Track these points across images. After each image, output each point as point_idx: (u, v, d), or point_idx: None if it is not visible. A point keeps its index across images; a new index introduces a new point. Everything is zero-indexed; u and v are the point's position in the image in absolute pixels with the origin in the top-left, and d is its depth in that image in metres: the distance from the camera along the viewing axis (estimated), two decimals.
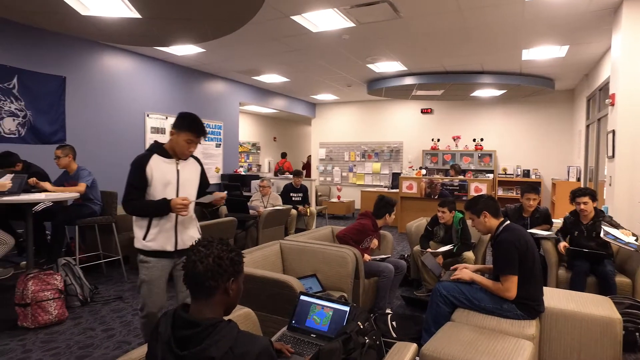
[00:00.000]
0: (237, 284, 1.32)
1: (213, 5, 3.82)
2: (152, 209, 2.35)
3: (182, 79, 7.22)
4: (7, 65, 4.74)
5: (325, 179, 11.69)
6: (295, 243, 3.43)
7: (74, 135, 5.41)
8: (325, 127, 11.74)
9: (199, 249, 1.27)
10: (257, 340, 1.24)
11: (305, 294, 2.24)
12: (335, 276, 3.12)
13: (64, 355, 2.88)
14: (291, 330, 2.10)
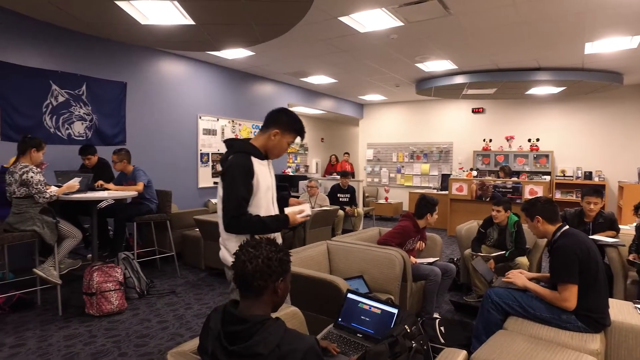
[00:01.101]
0: (284, 283, 1.34)
1: (262, 9, 3.91)
2: (273, 226, 2.01)
3: (232, 81, 7.45)
4: (78, 73, 5.13)
5: (373, 180, 11.60)
6: (342, 244, 3.43)
7: (132, 137, 5.75)
8: (373, 127, 11.65)
9: (248, 250, 1.30)
10: (304, 339, 1.25)
11: (353, 292, 2.23)
12: (382, 278, 3.09)
13: (124, 342, 3.06)
14: (337, 328, 2.10)
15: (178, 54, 6.41)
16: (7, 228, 3.42)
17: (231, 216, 1.92)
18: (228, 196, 1.94)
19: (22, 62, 4.65)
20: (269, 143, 2.11)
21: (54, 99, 4.93)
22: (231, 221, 1.93)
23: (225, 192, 1.95)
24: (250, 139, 2.14)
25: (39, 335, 3.17)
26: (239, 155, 2.00)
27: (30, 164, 3.51)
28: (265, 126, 2.14)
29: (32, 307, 3.75)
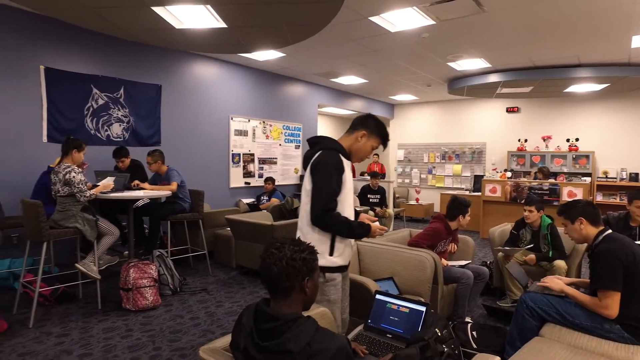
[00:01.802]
0: (312, 281, 1.35)
1: (293, 10, 3.94)
2: (357, 231, 2.01)
3: (263, 83, 7.55)
4: (117, 77, 5.34)
5: (404, 181, 11.47)
6: (372, 245, 3.41)
7: (167, 138, 5.93)
8: (403, 128, 11.51)
9: (272, 252, 1.32)
10: (335, 338, 1.26)
11: (381, 292, 2.22)
12: (412, 280, 3.05)
13: (158, 337, 3.16)
14: (367, 330, 2.09)
15: (211, 56, 6.55)
16: (52, 225, 3.60)
17: (323, 209, 1.91)
18: (320, 189, 1.93)
19: (67, 67, 4.89)
20: (354, 145, 2.15)
21: (95, 102, 5.16)
22: (321, 214, 1.91)
23: (316, 185, 1.94)
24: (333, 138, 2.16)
25: (81, 327, 3.32)
26: (330, 151, 2.01)
27: (72, 164, 3.68)
28: (352, 128, 2.18)
29: (75, 300, 3.93)
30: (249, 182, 7.31)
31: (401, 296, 2.24)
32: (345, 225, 1.96)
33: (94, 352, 2.91)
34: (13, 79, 4.50)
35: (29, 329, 3.28)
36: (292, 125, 8.20)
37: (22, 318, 3.46)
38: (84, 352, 2.92)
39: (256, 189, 7.33)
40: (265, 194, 6.82)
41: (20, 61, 4.54)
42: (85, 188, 3.62)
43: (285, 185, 7.96)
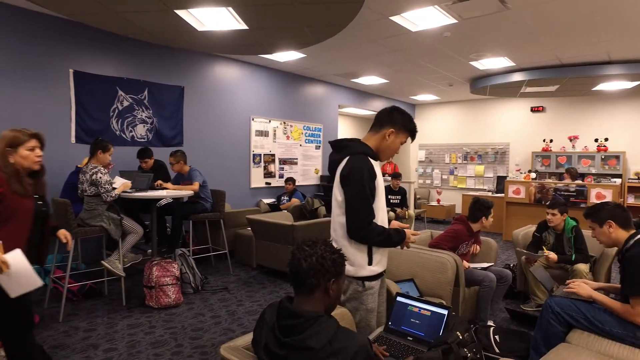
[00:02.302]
0: (337, 285, 1.36)
1: (313, 11, 3.95)
2: (395, 239, 1.96)
3: (284, 83, 7.59)
4: (141, 79, 5.47)
5: (425, 182, 11.35)
6: None
7: (189, 138, 6.02)
8: (425, 128, 11.39)
9: (304, 248, 1.34)
10: (356, 338, 1.26)
11: (402, 295, 2.20)
12: (433, 282, 3.01)
13: (180, 334, 3.22)
14: (387, 332, 2.08)
15: (232, 58, 6.63)
16: (79, 223, 3.71)
17: (365, 224, 1.84)
18: (355, 203, 1.84)
19: (94, 70, 5.03)
20: (382, 143, 2.04)
21: (120, 104, 5.29)
22: (363, 230, 1.84)
23: (351, 198, 1.86)
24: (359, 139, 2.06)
25: (106, 322, 3.41)
26: (359, 157, 1.91)
27: (99, 164, 3.78)
28: (377, 126, 2.06)
29: (101, 296, 4.04)
30: (270, 183, 7.36)
31: (422, 298, 2.22)
32: (385, 236, 1.90)
33: (119, 347, 2.98)
34: (44, 82, 4.66)
35: (58, 323, 3.39)
36: (312, 126, 8.22)
37: (53, 312, 3.59)
38: (109, 346, 2.99)
39: (277, 189, 7.38)
40: (286, 194, 6.85)
41: (51, 65, 4.70)
42: (111, 188, 3.72)
43: (305, 186, 7.99)
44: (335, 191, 1.95)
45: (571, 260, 3.61)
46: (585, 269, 3.53)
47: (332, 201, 2.00)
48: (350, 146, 1.98)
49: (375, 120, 2.11)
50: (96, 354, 2.89)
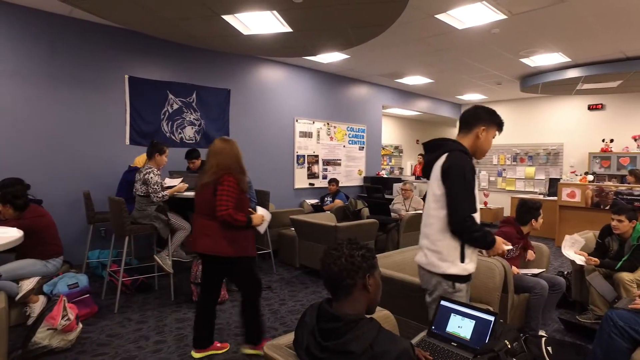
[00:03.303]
0: (374, 279, 1.34)
1: (357, 12, 3.94)
2: (489, 239, 1.96)
3: (327, 85, 7.62)
4: (189, 83, 5.69)
5: None
6: None
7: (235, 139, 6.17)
8: None
9: (331, 253, 1.34)
10: (398, 341, 1.24)
11: (446, 299, 2.14)
12: (480, 287, 2.90)
13: (225, 331, 3.31)
14: (431, 336, 2.03)
15: (276, 60, 6.75)
16: (132, 221, 3.91)
17: (467, 215, 1.86)
18: (458, 195, 1.86)
19: (147, 76, 5.30)
20: (476, 142, 2.07)
21: (170, 107, 5.53)
22: (464, 221, 1.85)
23: (453, 191, 1.87)
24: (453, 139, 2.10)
25: (156, 316, 3.58)
26: (459, 153, 1.93)
27: (154, 166, 3.96)
28: (466, 127, 2.10)
29: (151, 291, 4.24)
30: (313, 183, 7.41)
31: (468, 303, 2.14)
32: (482, 233, 1.90)
33: (168, 340, 3.11)
34: (102, 88, 4.97)
35: (114, 314, 3.60)
36: (356, 127, 8.20)
37: (109, 303, 3.81)
38: (159, 339, 3.13)
39: (320, 190, 7.42)
40: (329, 195, 6.87)
41: (108, 72, 5.01)
42: (159, 189, 3.87)
43: (349, 187, 7.97)
44: (433, 186, 1.97)
45: (615, 267, 3.34)
46: (628, 278, 3.25)
47: (427, 197, 2.04)
48: (447, 144, 2.01)
49: (461, 123, 2.14)
50: (147, 344, 3.03)
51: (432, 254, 1.96)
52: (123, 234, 3.77)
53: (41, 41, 4.57)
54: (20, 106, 4.46)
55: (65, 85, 4.73)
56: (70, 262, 4.22)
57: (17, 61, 4.44)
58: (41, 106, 4.59)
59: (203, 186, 2.68)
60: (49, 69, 4.62)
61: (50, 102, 4.64)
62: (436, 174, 1.96)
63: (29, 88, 4.51)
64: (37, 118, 4.56)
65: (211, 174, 2.67)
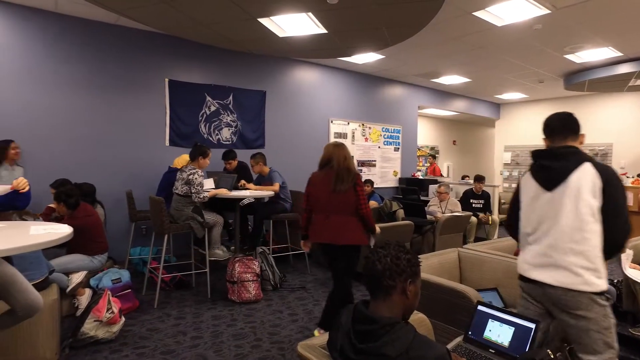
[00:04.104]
0: (414, 286, 1.32)
1: (392, 12, 3.90)
2: None
3: (362, 85, 7.59)
4: (226, 85, 5.83)
5: (510, 186, 10.61)
6: (475, 252, 3.21)
7: (270, 140, 6.27)
8: (511, 128, 10.67)
9: (378, 250, 1.33)
10: (434, 347, 1.21)
11: (484, 304, 2.07)
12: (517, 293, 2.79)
13: (259, 329, 3.35)
14: (467, 342, 1.97)
15: (311, 61, 6.79)
16: (171, 220, 4.04)
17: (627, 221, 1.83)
18: (624, 206, 1.83)
19: (186, 79, 5.48)
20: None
21: (208, 109, 5.68)
22: (628, 233, 1.83)
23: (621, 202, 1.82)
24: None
25: (193, 312, 3.68)
26: (600, 163, 1.89)
27: (197, 168, 4.08)
28: (573, 134, 1.99)
29: (189, 288, 4.36)
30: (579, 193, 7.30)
31: (507, 309, 2.07)
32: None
33: (204, 336, 3.19)
34: (143, 91, 5.18)
35: (154, 309, 3.73)
36: (391, 128, 8.11)
37: (149, 299, 3.95)
38: (196, 334, 3.22)
39: None
40: None
41: (150, 76, 5.21)
42: (201, 190, 3.98)
43: (383, 188, 7.90)
44: (587, 198, 1.82)
45: None
46: None
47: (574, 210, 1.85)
48: (579, 153, 1.90)
49: (567, 130, 2.01)
50: (185, 340, 3.12)
51: (588, 272, 1.81)
52: (162, 233, 3.90)
53: (90, 48, 4.81)
54: (71, 111, 4.72)
55: (111, 90, 4.96)
56: (113, 258, 4.42)
57: (69, 68, 4.70)
58: (89, 110, 4.84)
59: (340, 189, 3.01)
60: (96, 74, 4.87)
61: (98, 106, 4.88)
62: (589, 185, 1.82)
63: (80, 94, 4.76)
64: (85, 121, 4.81)
65: (350, 179, 3.04)
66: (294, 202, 5.20)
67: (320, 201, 3.09)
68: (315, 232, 3.11)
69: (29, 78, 4.49)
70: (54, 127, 4.63)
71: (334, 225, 3.03)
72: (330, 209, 3.04)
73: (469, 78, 7.73)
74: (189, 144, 5.36)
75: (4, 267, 2.08)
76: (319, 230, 3.09)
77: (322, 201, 3.07)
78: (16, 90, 4.43)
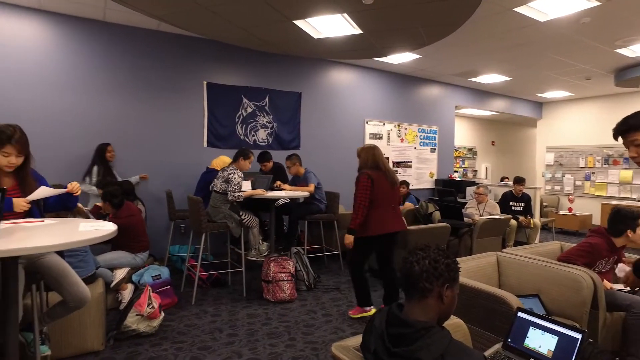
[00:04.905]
0: (452, 291, 1.29)
1: (429, 11, 3.83)
2: None
3: (398, 86, 7.50)
4: (262, 87, 5.92)
5: (553, 188, 10.17)
6: (514, 257, 3.10)
7: (306, 141, 6.32)
8: (554, 128, 10.22)
9: (417, 252, 1.32)
10: (471, 353, 1.18)
11: (524, 310, 1.99)
12: (564, 301, 2.67)
13: (293, 329, 3.38)
14: (506, 349, 1.90)
15: (346, 62, 6.78)
16: (208, 219, 4.15)
17: None
18: None
19: (223, 81, 5.61)
20: None
21: (244, 111, 5.79)
22: None
23: None
24: None
25: (229, 310, 3.76)
26: None
27: (238, 169, 4.18)
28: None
29: (225, 286, 4.46)
30: None
31: (550, 317, 1.98)
32: None
33: (239, 334, 3.25)
34: (183, 94, 5.35)
35: (191, 305, 3.84)
36: (427, 128, 7.97)
37: (187, 295, 4.07)
38: (231, 332, 3.29)
39: None
40: None
41: (188, 79, 5.38)
42: (237, 190, 4.06)
43: (419, 190, 7.78)
44: None
45: None
46: None
47: None
48: None
49: None
50: (220, 336, 3.20)
51: None
52: (200, 231, 4.02)
53: (133, 54, 5.03)
54: (117, 114, 4.95)
55: (151, 93, 5.16)
56: (154, 255, 4.59)
57: (114, 74, 4.93)
58: (133, 113, 5.05)
59: (394, 185, 3.54)
60: (139, 79, 5.08)
61: (139, 109, 5.09)
62: None
63: (125, 98, 4.99)
64: (129, 124, 5.03)
65: (395, 175, 3.62)
66: (329, 203, 5.21)
67: (386, 196, 3.48)
68: (386, 223, 3.46)
69: (80, 85, 4.75)
70: (102, 129, 4.86)
71: (399, 214, 3.60)
72: (387, 203, 3.50)
73: (509, 76, 7.48)
74: (226, 145, 5.49)
75: (57, 260, 2.23)
76: (390, 220, 3.49)
77: (387, 197, 3.49)
78: (69, 96, 4.69)
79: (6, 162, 2.08)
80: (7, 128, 2.08)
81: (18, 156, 2.11)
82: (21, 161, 2.15)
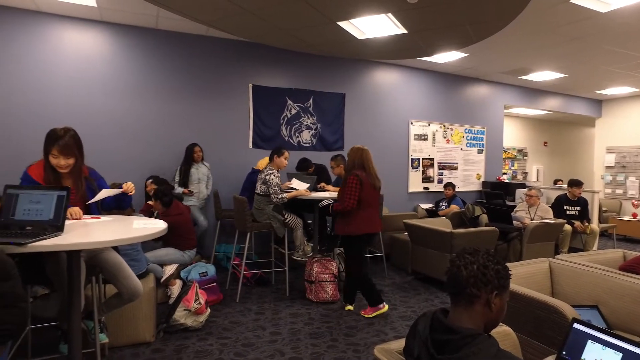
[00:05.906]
0: (500, 299, 1.23)
1: (476, 7, 3.70)
2: None
3: (443, 85, 7.32)
4: (306, 89, 5.98)
5: (614, 192, 9.50)
6: (569, 264, 2.93)
7: (349, 143, 6.29)
8: (615, 127, 9.55)
9: (465, 256, 1.25)
10: None
11: (581, 322, 1.87)
12: (627, 314, 2.49)
13: (335, 330, 3.38)
14: None
15: (390, 63, 6.70)
16: (252, 219, 4.24)
17: None
18: None
19: (268, 83, 5.72)
20: None
21: (288, 112, 5.87)
22: None
23: None
24: None
25: (272, 308, 3.82)
26: None
27: (275, 168, 4.23)
28: None
29: (268, 285, 4.54)
30: (428, 187, 7.18)
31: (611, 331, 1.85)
32: None
33: (282, 332, 3.29)
34: (229, 96, 5.51)
35: (236, 303, 3.94)
36: (474, 129, 7.71)
37: (232, 293, 4.18)
38: (274, 330, 3.34)
39: (435, 195, 7.15)
40: (445, 200, 6.58)
41: (235, 82, 5.53)
42: (279, 191, 4.11)
43: (466, 192, 7.54)
44: None
45: None
46: None
47: None
48: None
49: None
50: (264, 334, 3.25)
51: None
52: (245, 231, 4.11)
53: (182, 59, 5.24)
54: (167, 117, 5.18)
55: (201, 96, 5.35)
56: (201, 253, 4.76)
57: (166, 78, 5.16)
58: (182, 116, 5.27)
59: (377, 188, 3.73)
60: (188, 82, 5.28)
61: (189, 112, 5.30)
62: None
63: (175, 101, 5.21)
64: (179, 126, 5.25)
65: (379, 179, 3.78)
66: None
67: (371, 199, 3.65)
68: (372, 223, 3.65)
69: (135, 90, 5.01)
70: (154, 132, 5.11)
71: (375, 216, 3.72)
72: (374, 204, 3.70)
73: (563, 73, 7.08)
74: (271, 146, 5.57)
75: (113, 255, 2.37)
76: (375, 221, 3.69)
77: (372, 199, 3.66)
78: (126, 101, 4.97)
79: (56, 163, 2.19)
80: (58, 131, 2.18)
81: (66, 158, 2.19)
82: (71, 163, 2.21)
